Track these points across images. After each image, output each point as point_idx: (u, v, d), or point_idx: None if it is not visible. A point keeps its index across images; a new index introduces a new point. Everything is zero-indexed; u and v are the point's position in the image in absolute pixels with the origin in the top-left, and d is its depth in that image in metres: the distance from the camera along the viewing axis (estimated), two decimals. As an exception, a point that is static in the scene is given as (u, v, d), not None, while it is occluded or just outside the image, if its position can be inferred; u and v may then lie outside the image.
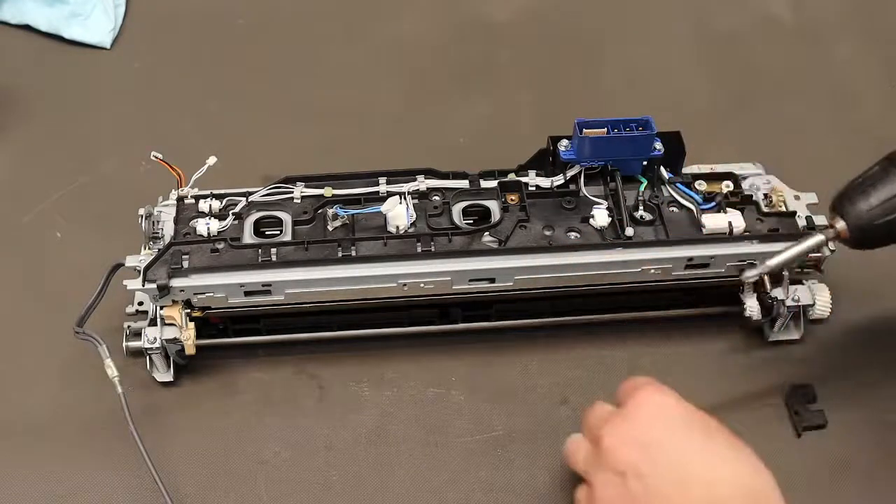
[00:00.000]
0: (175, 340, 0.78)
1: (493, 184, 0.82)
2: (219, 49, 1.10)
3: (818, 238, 0.71)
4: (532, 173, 0.82)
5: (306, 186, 0.81)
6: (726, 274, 0.80)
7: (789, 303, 0.82)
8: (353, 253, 0.77)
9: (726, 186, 0.82)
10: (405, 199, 0.79)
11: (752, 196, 0.82)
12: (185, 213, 0.80)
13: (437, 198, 0.81)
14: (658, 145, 0.80)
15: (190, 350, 0.78)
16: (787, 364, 0.84)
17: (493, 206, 0.81)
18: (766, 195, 0.83)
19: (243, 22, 1.13)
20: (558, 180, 0.82)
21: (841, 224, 0.71)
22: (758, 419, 0.81)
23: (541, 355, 0.84)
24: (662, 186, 0.82)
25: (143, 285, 0.75)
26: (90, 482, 0.77)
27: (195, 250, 0.77)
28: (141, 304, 0.82)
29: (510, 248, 0.78)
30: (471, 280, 0.78)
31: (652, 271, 0.79)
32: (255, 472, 0.78)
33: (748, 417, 0.81)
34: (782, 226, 0.80)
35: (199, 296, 0.76)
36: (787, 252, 0.70)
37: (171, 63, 1.09)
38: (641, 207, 0.81)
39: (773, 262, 0.70)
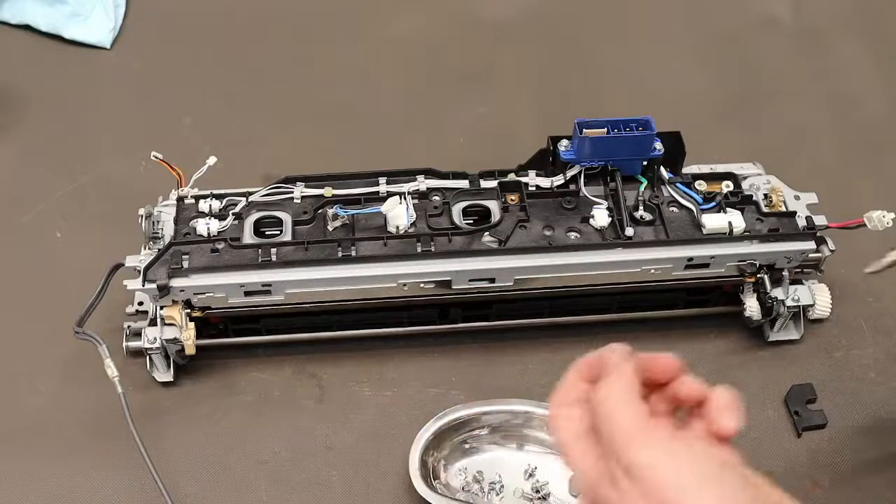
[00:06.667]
0: (175, 340, 0.78)
1: (493, 184, 0.82)
2: (219, 49, 1.10)
3: None
4: (532, 173, 0.82)
5: (306, 186, 0.81)
6: (726, 274, 0.80)
7: (789, 303, 0.82)
8: (353, 253, 0.77)
9: (726, 186, 0.82)
10: (405, 199, 0.79)
11: (752, 196, 0.82)
12: (185, 213, 0.80)
13: (437, 198, 0.81)
14: (658, 145, 0.80)
15: (190, 350, 0.78)
16: (787, 364, 0.84)
17: (493, 206, 0.81)
18: (766, 195, 0.83)
19: (243, 22, 1.13)
20: (558, 180, 0.82)
21: None
22: (758, 419, 0.81)
23: (541, 355, 0.84)
24: (662, 186, 0.82)
25: (143, 285, 0.75)
26: (90, 482, 0.77)
27: (195, 250, 0.77)
28: (141, 304, 0.82)
29: (510, 248, 0.78)
30: (471, 280, 0.78)
31: (652, 271, 0.79)
32: (255, 472, 0.78)
33: (748, 417, 0.81)
34: (782, 226, 0.80)
35: (199, 296, 0.76)
36: None
37: (171, 63, 1.09)
38: (641, 207, 0.81)
39: None
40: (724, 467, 0.50)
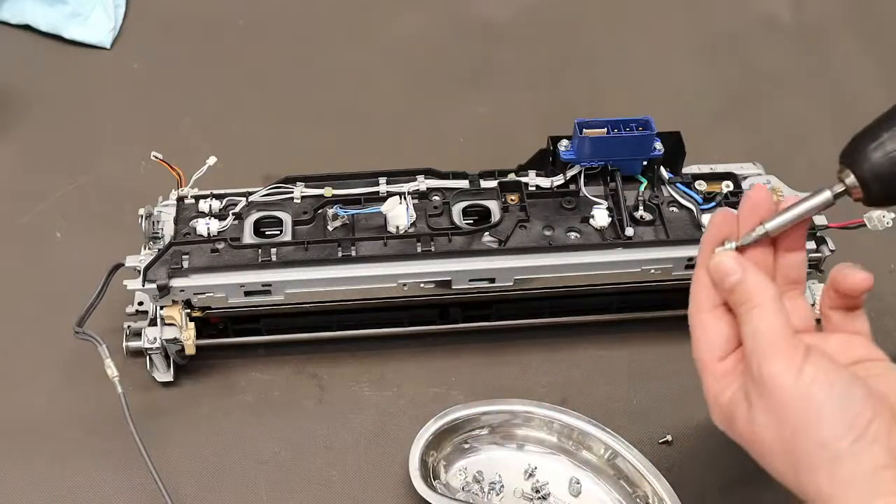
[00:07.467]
0: (175, 340, 0.78)
1: (493, 184, 0.82)
2: (219, 49, 1.10)
3: (823, 196, 0.59)
4: (532, 173, 0.82)
5: (306, 186, 0.81)
6: (726, 274, 0.80)
7: (789, 303, 0.81)
8: (353, 253, 0.77)
9: (726, 186, 0.82)
10: (405, 199, 0.79)
11: (752, 196, 0.82)
12: (185, 213, 0.80)
13: (437, 198, 0.81)
14: (658, 145, 0.80)
15: (190, 350, 0.78)
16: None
17: (493, 206, 0.81)
18: (766, 195, 0.83)
19: (243, 22, 1.13)
20: (558, 180, 0.82)
21: (851, 178, 0.59)
22: (758, 419, 0.81)
23: (541, 355, 0.84)
24: (662, 186, 0.82)
25: (143, 285, 0.75)
26: (90, 482, 0.77)
27: (195, 250, 0.77)
28: (141, 304, 0.82)
29: (510, 248, 0.78)
30: (471, 280, 0.78)
31: (652, 271, 0.79)
32: (255, 472, 0.77)
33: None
34: (782, 226, 0.80)
35: (199, 296, 0.76)
36: (786, 213, 0.57)
37: (171, 63, 1.09)
38: (641, 207, 0.81)
39: (770, 224, 0.57)
40: (851, 385, 0.49)
